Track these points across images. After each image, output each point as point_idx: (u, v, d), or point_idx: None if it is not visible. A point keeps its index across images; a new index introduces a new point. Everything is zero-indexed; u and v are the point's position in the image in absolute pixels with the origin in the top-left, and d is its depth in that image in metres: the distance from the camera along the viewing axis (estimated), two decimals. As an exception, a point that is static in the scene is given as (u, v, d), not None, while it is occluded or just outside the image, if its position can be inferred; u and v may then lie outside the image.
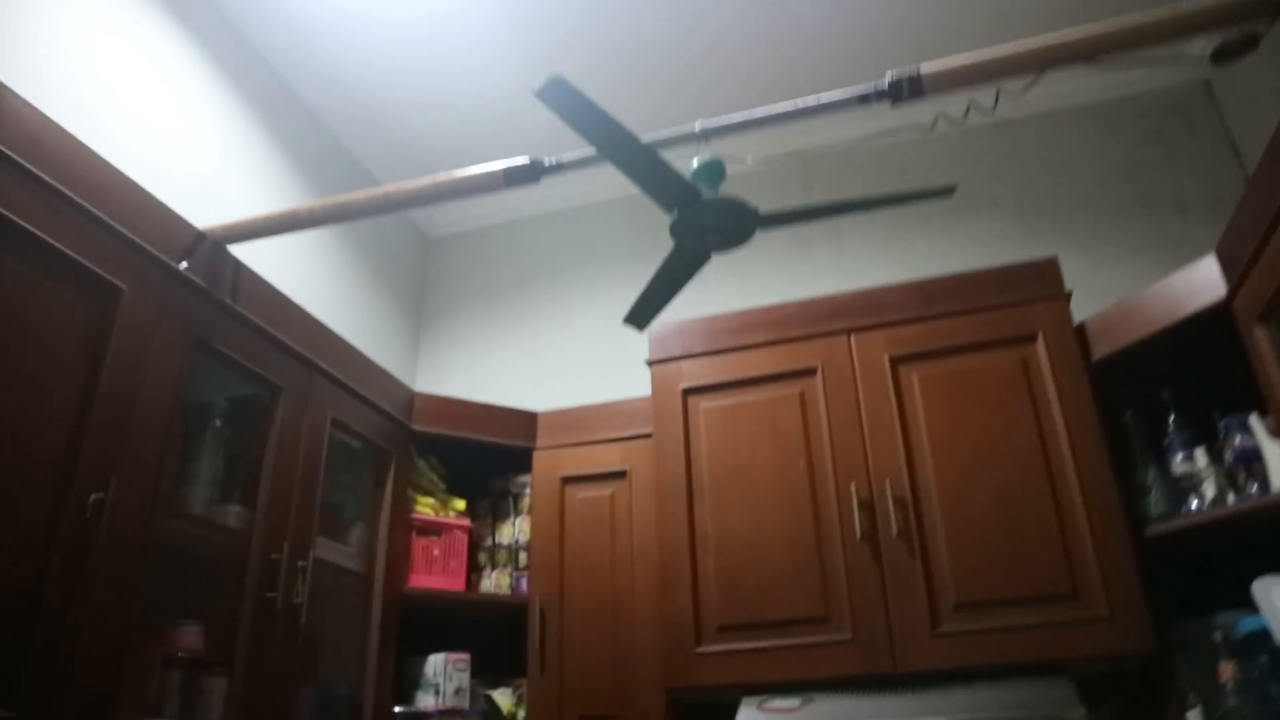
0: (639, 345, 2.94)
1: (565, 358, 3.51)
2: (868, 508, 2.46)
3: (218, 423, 2.12)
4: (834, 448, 2.55)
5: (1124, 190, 3.14)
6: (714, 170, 1.80)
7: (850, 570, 2.42)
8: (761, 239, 3.40)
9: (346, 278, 3.39)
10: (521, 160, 1.91)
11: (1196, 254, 2.32)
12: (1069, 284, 2.55)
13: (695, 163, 1.82)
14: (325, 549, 2.37)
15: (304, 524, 2.23)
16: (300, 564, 2.17)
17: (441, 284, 3.84)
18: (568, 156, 1.95)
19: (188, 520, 2.01)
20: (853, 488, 2.47)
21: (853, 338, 2.66)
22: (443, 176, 1.96)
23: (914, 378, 2.57)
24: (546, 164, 1.91)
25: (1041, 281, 2.58)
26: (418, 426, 2.80)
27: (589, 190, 3.72)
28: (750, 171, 3.44)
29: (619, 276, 3.57)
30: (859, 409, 2.57)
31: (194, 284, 2.02)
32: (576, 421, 2.94)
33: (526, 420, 2.96)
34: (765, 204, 3.50)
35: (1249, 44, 1.99)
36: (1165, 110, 3.20)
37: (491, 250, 3.83)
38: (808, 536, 2.49)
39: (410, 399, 2.82)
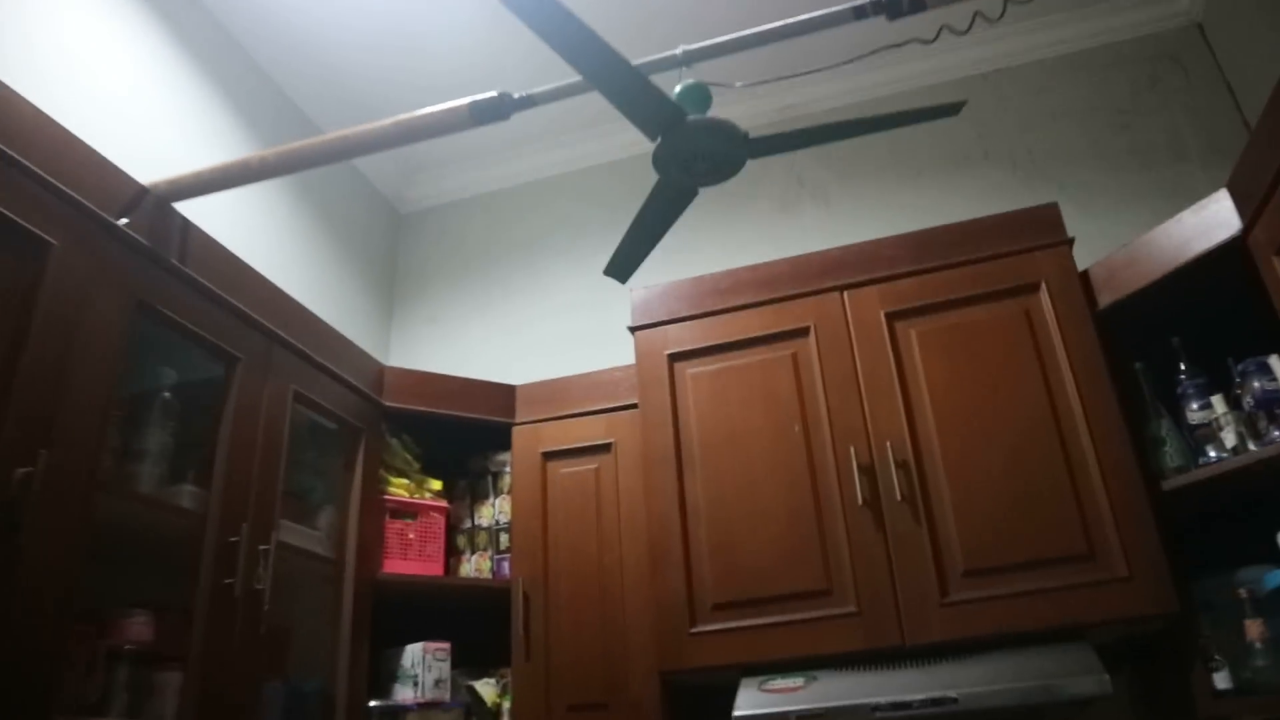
0: (621, 314, 2.76)
1: (544, 331, 3.33)
2: (868, 472, 2.29)
3: (167, 395, 1.92)
4: (831, 411, 2.39)
5: (1119, 139, 2.99)
6: (698, 95, 1.63)
7: (852, 539, 2.26)
8: (745, 201, 3.30)
9: (313, 257, 3.19)
10: (489, 95, 1.73)
11: (1196, 200, 2.18)
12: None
13: (678, 89, 1.65)
14: (291, 533, 2.17)
15: (265, 505, 2.04)
16: (262, 548, 1.98)
17: (413, 261, 3.65)
18: (540, 89, 1.77)
19: (135, 500, 1.81)
20: (852, 452, 2.31)
21: (846, 294, 2.49)
22: (404, 116, 1.78)
23: (912, 334, 2.41)
24: (516, 97, 1.74)
25: (1042, 228, 2.43)
26: (389, 402, 2.60)
27: (562, 159, 3.54)
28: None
29: (595, 246, 3.37)
30: (855, 369, 2.41)
31: (135, 242, 1.82)
32: (557, 393, 2.76)
33: (504, 394, 2.77)
34: (747, 166, 3.37)
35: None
36: (1157, 55, 3.06)
37: (463, 225, 3.64)
38: (806, 506, 2.33)
39: (380, 373, 2.62)
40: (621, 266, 1.95)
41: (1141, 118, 3.00)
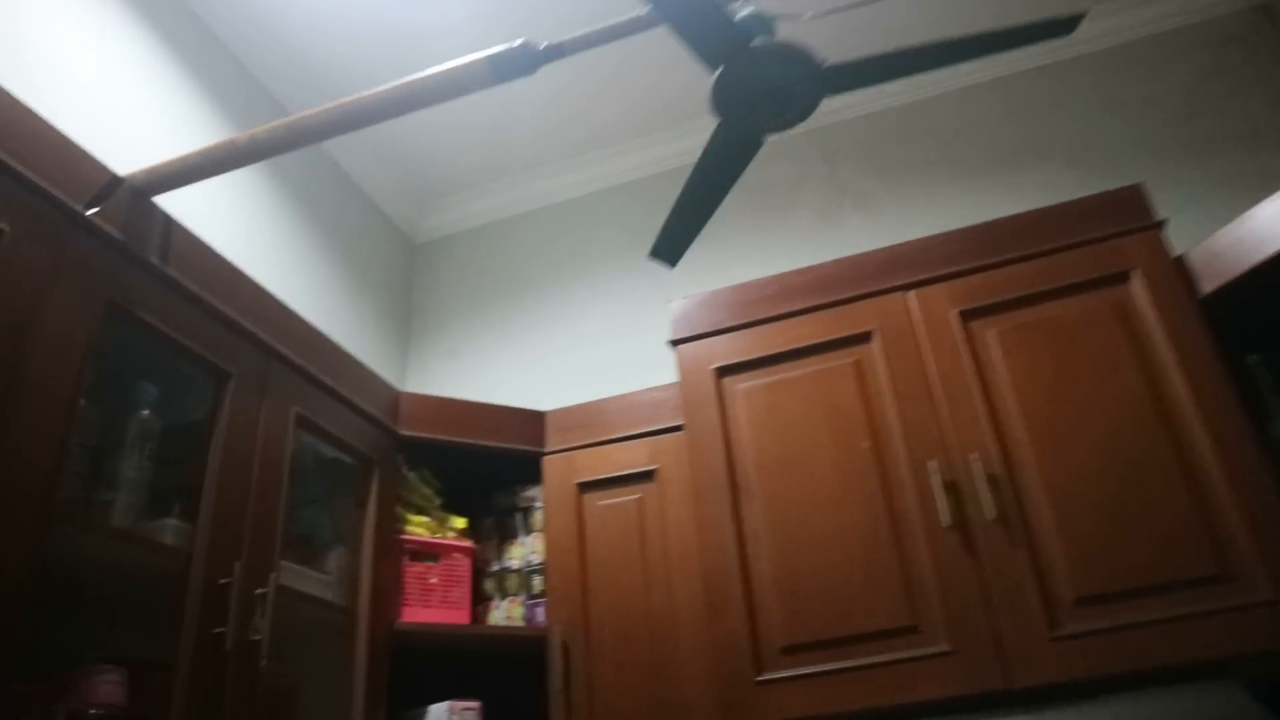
0: (653, 339, 2.47)
1: (572, 360, 3.01)
2: (953, 489, 1.96)
3: (145, 413, 1.61)
4: (903, 422, 2.06)
5: (1188, 128, 2.69)
6: (763, 24, 1.33)
7: (939, 566, 1.91)
8: (782, 213, 2.99)
9: (324, 290, 2.90)
10: (511, 44, 1.44)
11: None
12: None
13: (737, 19, 1.36)
14: (294, 576, 1.84)
15: (263, 542, 1.71)
16: (259, 592, 1.64)
17: (430, 293, 3.35)
18: (570, 36, 1.48)
19: (104, 535, 1.49)
20: (932, 467, 1.98)
21: (912, 294, 2.18)
22: (415, 76, 1.49)
23: (990, 333, 2.09)
24: (543, 47, 1.45)
25: (1127, 211, 2.11)
26: (405, 431, 2.28)
27: (583, 180, 3.26)
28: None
29: (621, 268, 3.09)
30: (927, 375, 2.08)
31: (106, 236, 1.53)
32: (591, 418, 2.43)
33: (532, 421, 2.45)
34: (783, 177, 3.09)
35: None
36: (1221, 40, 2.77)
37: (481, 253, 3.35)
38: (882, 530, 1.98)
39: (395, 399, 2.30)
40: (671, 245, 1.64)
41: (1210, 105, 2.70)
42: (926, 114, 2.96)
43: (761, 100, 1.33)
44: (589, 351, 3.01)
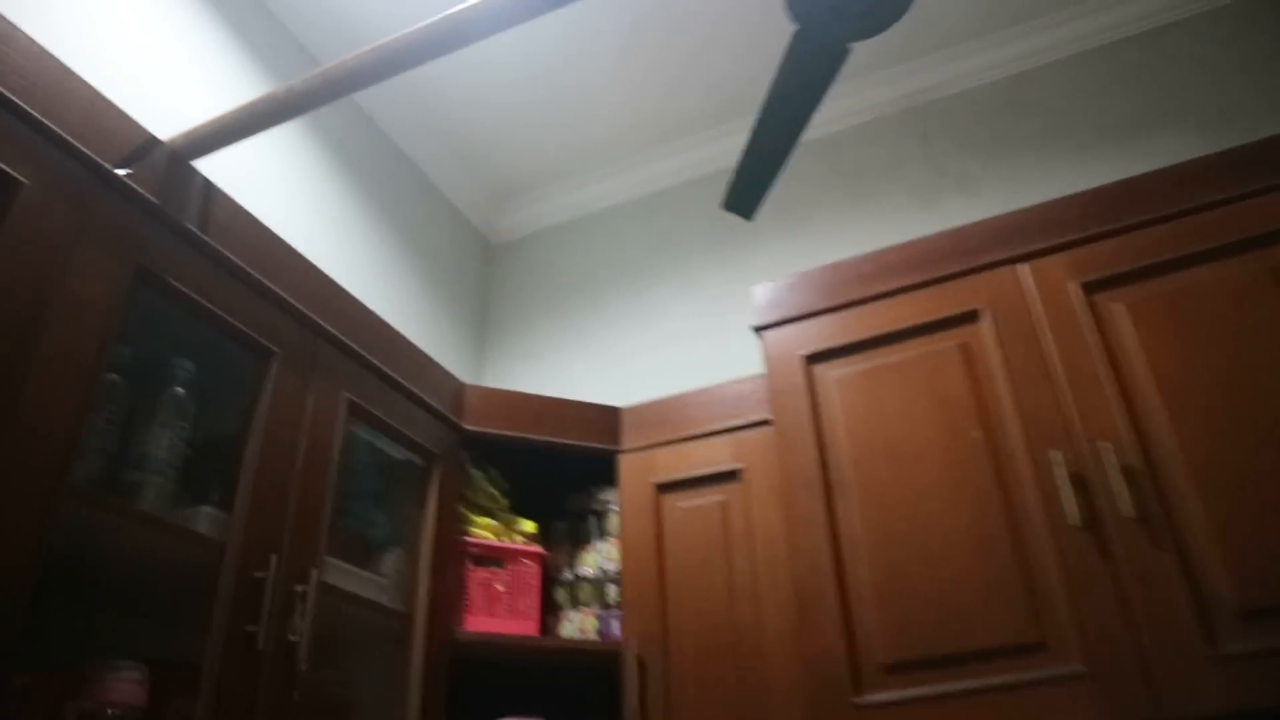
0: (741, 336, 2.26)
1: (655, 359, 2.81)
2: (1082, 485, 1.68)
3: (180, 390, 1.48)
4: (1019, 409, 1.79)
5: None
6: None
7: (1068, 573, 1.63)
8: (875, 197, 2.68)
9: (399, 291, 2.78)
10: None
11: None
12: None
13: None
14: (343, 575, 1.68)
15: (306, 535, 1.55)
16: (299, 589, 1.49)
17: (506, 293, 3.21)
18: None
19: (130, 519, 1.34)
20: (1057, 458, 1.70)
21: (1025, 266, 1.91)
22: (451, 10, 1.33)
23: (1118, 307, 1.81)
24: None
25: (1277, 161, 1.82)
26: (470, 426, 2.11)
27: (661, 173, 3.08)
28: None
29: (703, 262, 2.89)
30: (1045, 356, 1.82)
31: (139, 197, 1.41)
32: (671, 414, 2.22)
33: (608, 417, 2.25)
34: (875, 160, 2.85)
35: None
36: None
37: (559, 252, 3.19)
38: (999, 531, 1.71)
39: (460, 391, 2.14)
40: (746, 192, 1.43)
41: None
42: (1030, 86, 2.69)
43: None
44: (673, 349, 2.81)
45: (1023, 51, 2.69)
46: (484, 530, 2.05)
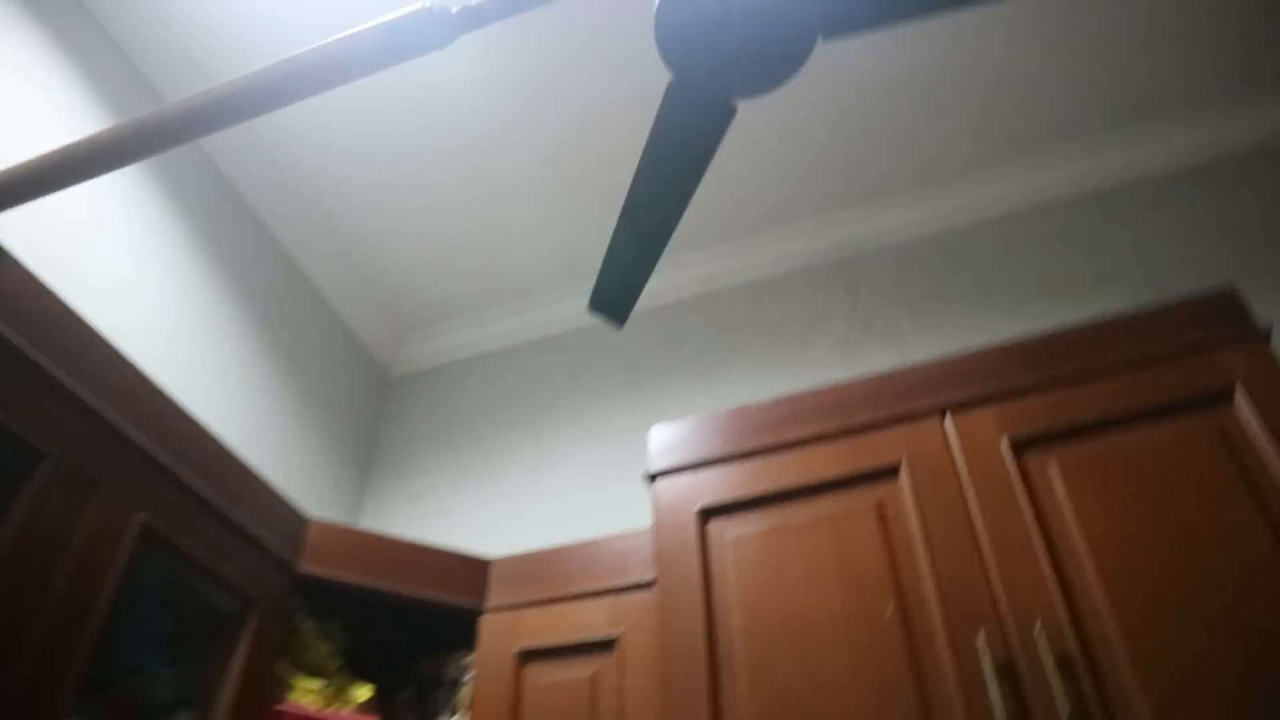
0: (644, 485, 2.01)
1: (549, 508, 2.51)
2: (1010, 672, 1.40)
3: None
4: (940, 581, 1.53)
5: (1259, 255, 2.26)
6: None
7: (994, 783, 1.33)
8: (798, 347, 2.52)
9: (280, 421, 2.50)
10: (413, 10, 1.09)
11: None
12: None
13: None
14: (94, 744, 1.33)
15: (47, 686, 1.21)
16: (15, 758, 1.14)
17: (400, 429, 2.92)
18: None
19: None
20: (981, 641, 1.43)
21: (951, 418, 1.70)
22: (295, 54, 1.14)
23: (1052, 467, 1.58)
24: (455, 12, 1.10)
25: (1221, 317, 1.65)
26: (308, 569, 1.78)
27: (577, 311, 2.88)
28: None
29: (613, 405, 2.65)
30: (972, 520, 1.57)
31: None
32: (545, 569, 1.92)
33: (475, 569, 1.93)
34: (801, 309, 2.68)
35: None
36: None
37: (461, 389, 2.93)
38: (911, 727, 1.42)
39: (301, 527, 1.82)
40: (617, 287, 1.20)
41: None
42: (961, 241, 2.58)
43: (730, 38, 0.94)
44: (572, 498, 2.52)
45: (954, 208, 2.60)
46: (308, 694, 1.69)
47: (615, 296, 1.23)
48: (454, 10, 1.09)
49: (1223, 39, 2.38)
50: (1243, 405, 1.53)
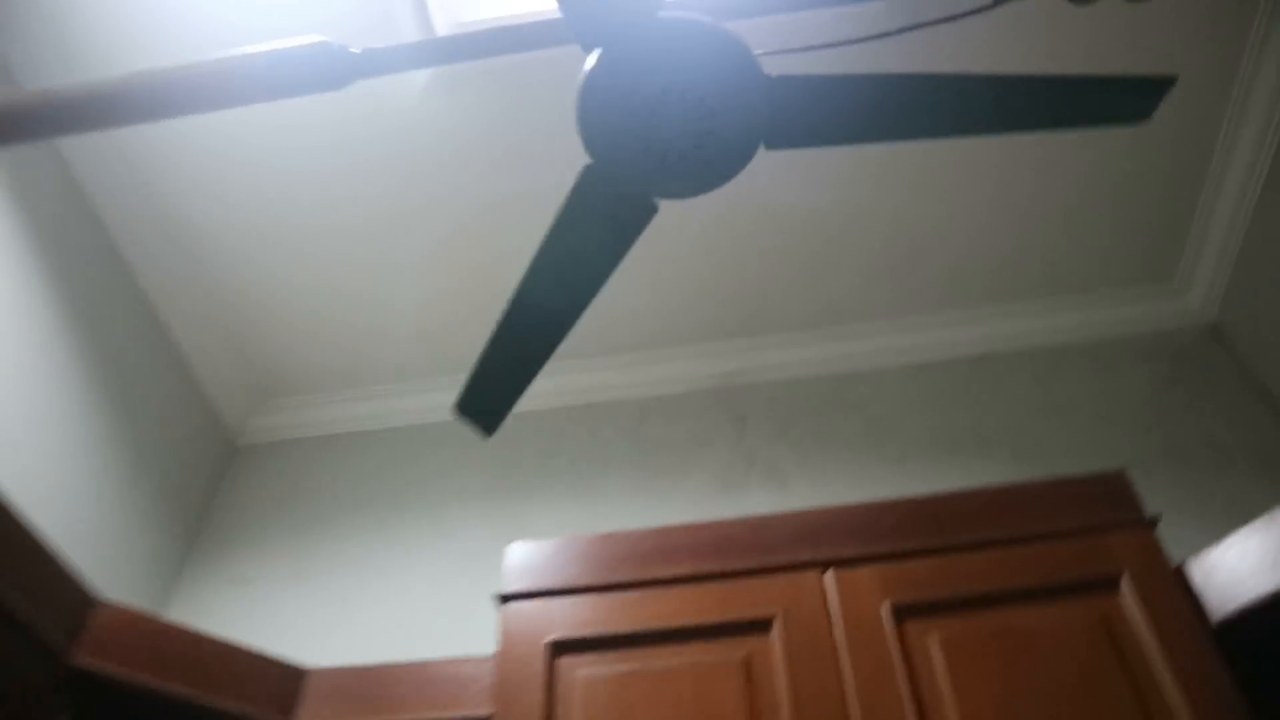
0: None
1: (389, 616, 2.23)
2: None
3: None
4: (805, 752, 1.39)
5: (1144, 440, 2.32)
6: None
7: None
8: (675, 477, 2.43)
9: (98, 474, 2.21)
10: (306, 41, 0.96)
11: (1250, 514, 1.51)
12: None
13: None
14: None
15: None
16: None
17: (237, 503, 2.60)
18: (391, 45, 0.99)
19: None
20: (841, 829, 1.29)
21: (831, 575, 1.59)
22: (175, 66, 0.99)
23: (932, 639, 1.48)
24: (356, 53, 0.96)
25: (1111, 501, 1.62)
26: (84, 661, 1.49)
27: (447, 403, 2.67)
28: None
29: (475, 511, 2.43)
30: (844, 686, 1.44)
31: None
32: (371, 689, 1.67)
33: (287, 679, 1.67)
34: (682, 435, 2.57)
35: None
36: (1175, 353, 2.50)
37: (315, 468, 2.65)
38: None
39: (87, 611, 1.54)
40: (488, 393, 1.06)
41: (1168, 419, 2.35)
42: (854, 388, 2.54)
43: (664, 128, 0.82)
44: (416, 610, 2.27)
45: (850, 352, 2.58)
46: (52, 820, 1.40)
47: (487, 402, 1.09)
48: (355, 50, 0.96)
49: (1127, 228, 2.48)
50: (1128, 594, 1.48)
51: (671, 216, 2.37)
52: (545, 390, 2.63)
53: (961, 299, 2.58)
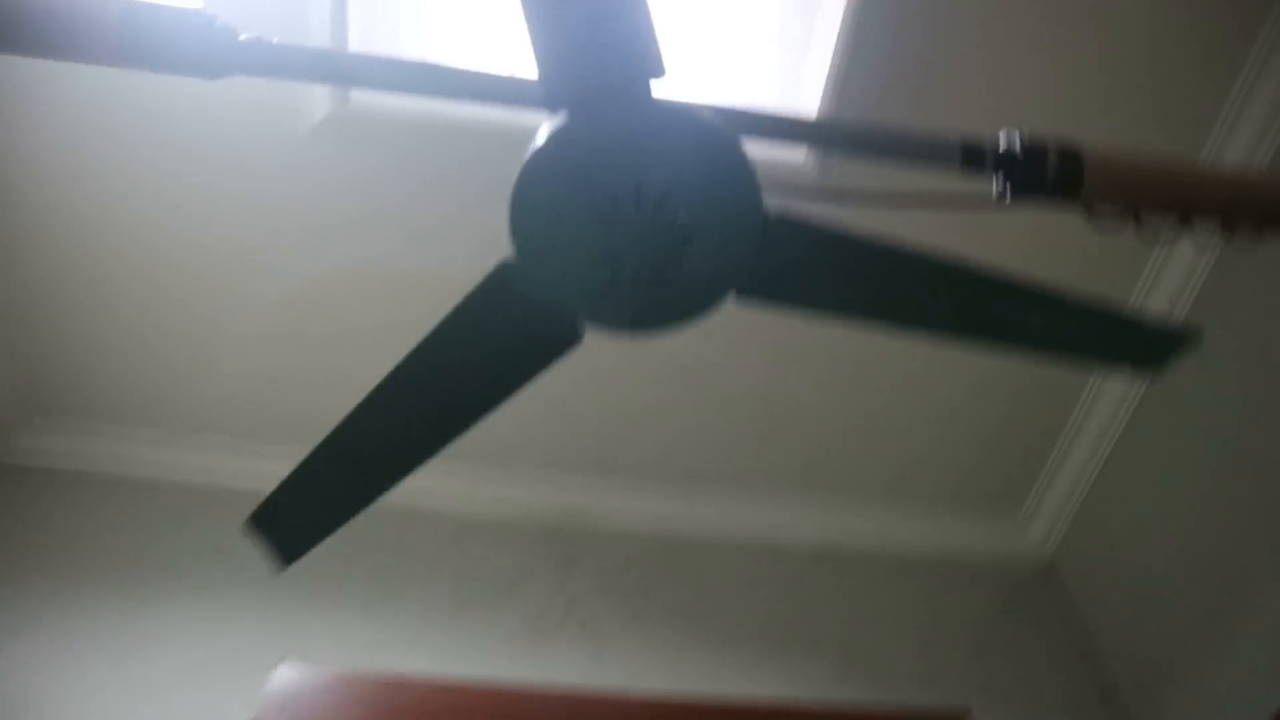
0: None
1: (107, 708, 1.87)
2: None
3: None
4: None
5: (969, 669, 2.26)
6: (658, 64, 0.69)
7: None
8: (481, 610, 2.13)
9: None
10: (192, 5, 0.75)
11: None
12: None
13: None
14: None
15: None
16: None
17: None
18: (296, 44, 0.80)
19: None
20: None
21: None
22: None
23: None
24: (241, 39, 0.76)
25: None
26: None
27: (255, 472, 2.32)
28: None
29: (254, 604, 2.05)
30: None
31: None
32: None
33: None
34: (505, 566, 2.31)
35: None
36: (1011, 586, 2.49)
37: (74, 510, 2.22)
38: None
39: None
40: (297, 513, 0.83)
41: (993, 652, 2.33)
42: (691, 555, 2.41)
43: (616, 240, 0.65)
44: (169, 698, 1.90)
45: (696, 514, 2.45)
46: None
47: (293, 523, 0.86)
48: (241, 37, 0.76)
49: (991, 449, 2.48)
50: None
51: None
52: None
53: (818, 483, 2.49)
